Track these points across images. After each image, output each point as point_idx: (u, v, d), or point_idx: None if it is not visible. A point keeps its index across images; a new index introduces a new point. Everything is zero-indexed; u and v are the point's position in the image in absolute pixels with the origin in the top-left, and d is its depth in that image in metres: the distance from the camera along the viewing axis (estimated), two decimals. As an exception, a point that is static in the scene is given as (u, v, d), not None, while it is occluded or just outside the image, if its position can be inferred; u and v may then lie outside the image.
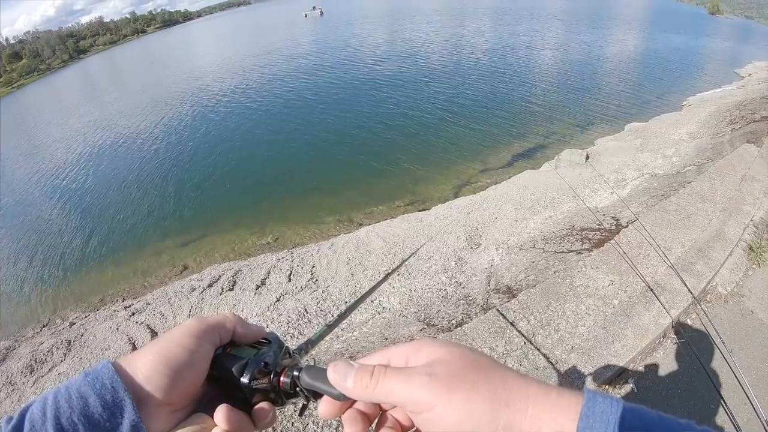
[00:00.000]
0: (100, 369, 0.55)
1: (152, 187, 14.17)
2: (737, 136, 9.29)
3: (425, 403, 0.48)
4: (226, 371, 0.62)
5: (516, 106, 16.49)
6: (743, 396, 3.05)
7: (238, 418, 0.59)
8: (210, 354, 0.63)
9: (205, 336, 0.62)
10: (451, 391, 0.48)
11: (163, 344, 0.59)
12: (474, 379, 0.49)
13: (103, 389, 0.53)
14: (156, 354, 0.58)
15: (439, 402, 0.48)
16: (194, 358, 0.60)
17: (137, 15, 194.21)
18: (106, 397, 0.53)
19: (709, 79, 19.40)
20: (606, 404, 0.45)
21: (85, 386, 0.53)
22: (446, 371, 0.50)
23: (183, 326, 0.63)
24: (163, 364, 0.57)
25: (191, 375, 0.59)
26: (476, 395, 0.47)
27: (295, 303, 6.42)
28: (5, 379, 6.42)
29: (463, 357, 0.52)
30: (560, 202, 8.20)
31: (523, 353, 3.31)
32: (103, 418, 0.52)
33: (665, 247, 4.40)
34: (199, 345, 0.61)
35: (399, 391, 0.50)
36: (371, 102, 18.67)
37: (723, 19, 48.66)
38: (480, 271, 6.22)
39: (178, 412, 0.59)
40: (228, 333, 0.66)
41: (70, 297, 9.57)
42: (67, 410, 0.51)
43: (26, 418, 0.51)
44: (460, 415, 0.47)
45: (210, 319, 0.65)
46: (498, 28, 37.18)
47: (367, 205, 10.60)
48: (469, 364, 0.51)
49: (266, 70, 28.50)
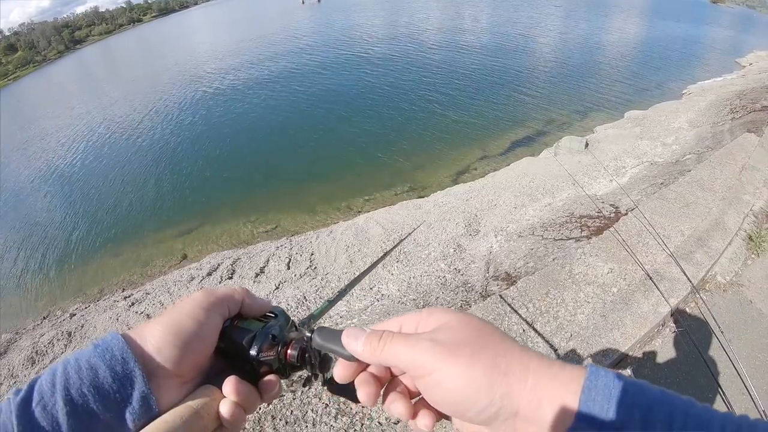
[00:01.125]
0: (109, 340, 0.55)
1: (150, 176, 14.15)
2: (737, 125, 9.27)
3: (427, 368, 0.50)
4: (235, 343, 0.63)
5: (515, 92, 16.42)
6: (741, 385, 3.06)
7: (246, 390, 0.60)
8: (219, 326, 0.63)
9: (214, 308, 0.63)
10: (452, 356, 0.49)
11: (172, 316, 0.60)
12: (476, 346, 0.50)
13: (113, 360, 0.53)
14: (166, 325, 0.58)
15: (439, 366, 0.49)
16: (204, 330, 0.60)
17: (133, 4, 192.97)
18: (116, 368, 0.53)
19: (709, 68, 19.32)
20: (608, 378, 0.46)
21: (95, 357, 0.53)
22: (450, 337, 0.51)
23: (192, 298, 0.63)
24: (172, 335, 0.57)
25: (201, 346, 0.60)
26: (476, 362, 0.48)
27: (294, 290, 6.43)
28: (7, 371, 6.46)
29: (469, 324, 0.53)
30: (559, 189, 8.20)
31: (522, 341, 3.32)
32: (113, 389, 0.52)
33: (664, 235, 4.40)
34: (208, 317, 0.61)
35: (404, 354, 0.52)
36: (369, 89, 18.57)
37: (724, 7, 48.44)
38: (479, 258, 6.22)
39: (187, 383, 0.60)
40: (236, 305, 0.67)
41: (69, 288, 9.60)
42: (77, 381, 0.51)
43: (35, 390, 0.51)
44: (459, 381, 0.48)
45: (219, 292, 0.66)
46: (496, 14, 36.96)
47: (366, 192, 10.59)
48: (473, 332, 0.52)
49: (264, 58, 28.30)
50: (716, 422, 0.42)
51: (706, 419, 0.42)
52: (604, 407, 0.44)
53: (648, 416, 0.43)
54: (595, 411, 0.44)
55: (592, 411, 0.44)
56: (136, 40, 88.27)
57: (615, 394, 0.44)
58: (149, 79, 31.36)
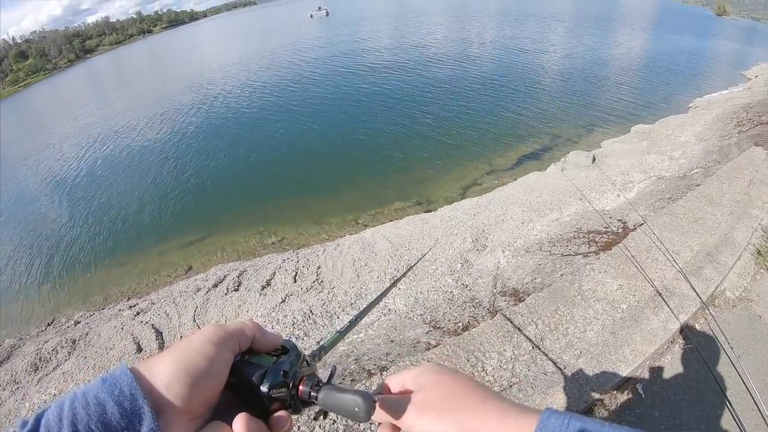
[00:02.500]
0: (118, 375, 0.54)
1: (156, 186, 14.23)
2: (744, 139, 9.24)
3: (406, 425, 0.65)
4: (246, 379, 0.63)
5: (521, 107, 16.44)
6: (750, 401, 3.03)
7: (256, 427, 0.60)
8: (230, 362, 0.63)
9: (225, 343, 0.62)
10: (420, 416, 0.62)
11: (183, 351, 0.59)
12: (440, 406, 0.62)
13: (121, 396, 0.52)
14: (176, 361, 0.57)
15: (414, 424, 0.63)
16: (214, 366, 0.59)
17: (143, 15, 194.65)
18: (125, 404, 0.52)
19: (715, 81, 19.31)
20: (558, 422, 0.51)
21: (103, 393, 0.52)
22: (422, 399, 0.65)
23: (203, 333, 0.62)
24: (182, 372, 0.56)
25: (211, 383, 0.59)
26: (439, 421, 0.60)
27: (300, 304, 6.42)
28: (9, 377, 6.43)
29: (440, 385, 0.65)
30: (567, 204, 8.18)
31: (531, 358, 3.30)
32: (121, 425, 0.51)
33: (673, 250, 4.38)
34: (219, 353, 0.61)
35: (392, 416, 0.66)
36: (376, 103, 18.67)
37: (729, 20, 48.47)
38: (486, 274, 6.20)
39: (196, 420, 0.59)
40: (247, 340, 0.67)
41: (74, 296, 9.62)
42: (85, 417, 0.50)
43: (42, 424, 0.50)
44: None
45: (229, 326, 0.65)
46: (502, 29, 37.13)
47: (373, 206, 10.61)
48: (442, 392, 0.64)
49: (271, 71, 28.55)
50: None
51: None
52: None
53: None
54: None
55: None
56: (145, 50, 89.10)
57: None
58: (157, 89, 31.70)
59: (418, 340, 4.32)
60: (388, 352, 4.16)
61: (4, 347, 7.53)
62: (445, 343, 3.57)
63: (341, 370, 3.92)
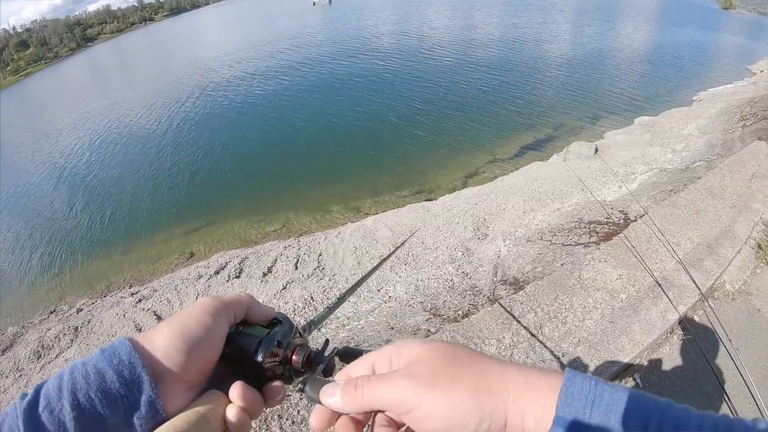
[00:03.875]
0: (117, 345, 0.55)
1: (158, 174, 14.22)
2: (748, 133, 9.22)
3: (411, 403, 0.51)
4: (241, 349, 0.63)
5: (525, 97, 16.38)
6: (748, 394, 3.05)
7: (252, 395, 0.60)
8: (225, 332, 0.63)
9: (221, 314, 0.63)
10: (433, 387, 0.51)
11: (180, 321, 0.60)
12: (454, 372, 0.52)
13: (120, 365, 0.53)
14: (173, 330, 0.58)
15: (424, 400, 0.50)
16: (211, 336, 0.60)
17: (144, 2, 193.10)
18: (124, 373, 0.53)
19: (720, 75, 19.17)
20: (585, 383, 0.48)
21: (102, 362, 0.53)
22: (426, 369, 0.53)
23: (199, 303, 0.63)
24: (180, 340, 0.57)
25: (208, 352, 0.60)
26: (458, 387, 0.50)
27: (301, 291, 6.44)
28: (13, 364, 6.46)
29: (443, 353, 0.55)
30: (568, 194, 8.18)
31: (530, 345, 3.33)
32: (121, 394, 0.52)
33: (674, 242, 4.39)
34: (215, 322, 0.61)
35: (385, 396, 0.53)
36: (379, 91, 18.57)
37: (735, 14, 48.07)
38: (487, 262, 6.22)
39: (193, 388, 0.60)
40: (242, 311, 0.67)
41: (77, 283, 9.65)
42: (84, 386, 0.51)
43: (41, 394, 0.51)
44: (446, 408, 0.49)
45: (225, 298, 0.66)
46: (506, 18, 36.81)
47: (374, 194, 10.61)
48: (448, 358, 0.54)
49: (274, 59, 28.35)
50: (692, 423, 0.44)
51: (682, 420, 0.44)
52: (581, 411, 0.46)
53: (624, 418, 0.45)
54: (571, 416, 0.46)
55: (569, 416, 0.46)
56: (147, 38, 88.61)
57: (591, 399, 0.46)
58: (159, 78, 31.53)
59: (418, 327, 4.35)
60: (388, 339, 4.18)
61: (7, 335, 7.55)
62: (444, 329, 3.59)
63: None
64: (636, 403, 0.46)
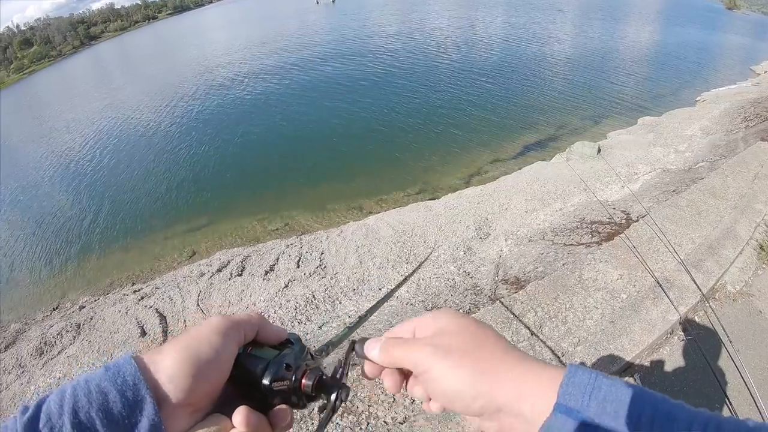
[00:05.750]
0: (121, 364, 0.54)
1: (161, 172, 14.20)
2: (751, 134, 9.20)
3: (424, 366, 0.59)
4: (248, 372, 0.62)
5: (528, 96, 16.35)
6: (748, 396, 3.06)
7: (257, 421, 0.59)
8: (234, 354, 0.62)
9: (231, 334, 0.62)
10: (443, 358, 0.58)
11: (188, 342, 0.59)
12: (466, 348, 0.58)
13: (124, 386, 0.52)
14: (181, 352, 0.57)
15: (434, 366, 0.58)
16: (219, 358, 0.59)
17: (148, 1, 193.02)
18: (127, 394, 0.52)
19: (723, 75, 19.14)
20: (586, 375, 0.51)
21: (106, 381, 0.52)
22: (445, 341, 0.60)
23: (209, 323, 0.62)
24: (187, 363, 0.56)
25: (215, 375, 0.59)
26: (463, 362, 0.57)
27: (303, 289, 6.44)
28: (15, 361, 6.46)
29: (465, 329, 0.62)
30: (571, 194, 8.17)
31: (530, 344, 3.33)
32: (123, 415, 0.51)
33: (675, 242, 4.39)
34: (224, 344, 0.60)
35: (408, 357, 0.62)
36: (381, 90, 18.58)
37: (740, 14, 47.92)
38: (488, 262, 6.23)
39: (198, 412, 0.59)
40: (253, 331, 0.66)
41: (79, 280, 9.65)
42: (86, 405, 0.50)
43: (42, 410, 0.50)
44: (449, 378, 0.57)
45: (236, 317, 0.65)
46: (511, 18, 36.78)
47: (377, 193, 10.59)
48: (468, 336, 0.60)
49: (278, 57, 28.33)
50: (682, 417, 0.47)
51: (673, 415, 0.48)
52: (580, 401, 0.49)
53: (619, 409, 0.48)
54: (571, 404, 0.49)
55: (569, 404, 0.49)
56: (150, 37, 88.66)
57: (590, 390, 0.50)
58: (163, 76, 31.50)
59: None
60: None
61: (9, 331, 7.55)
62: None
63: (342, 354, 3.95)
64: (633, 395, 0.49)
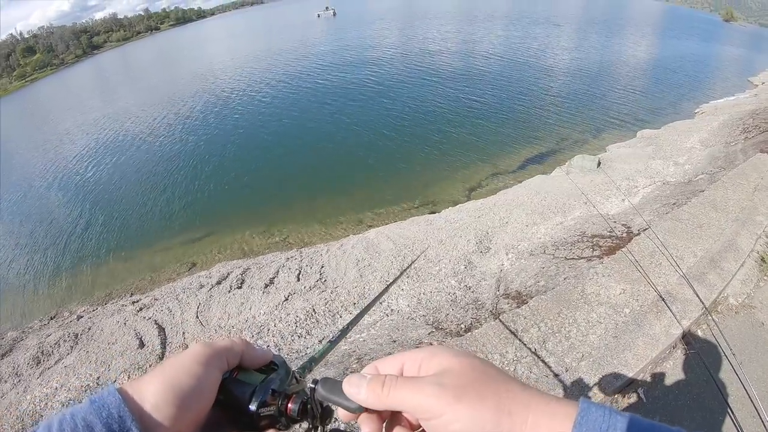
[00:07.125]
0: (106, 396, 0.54)
1: (161, 183, 14.25)
2: (750, 145, 9.22)
3: (434, 411, 0.52)
4: (234, 397, 0.63)
5: (527, 110, 16.45)
6: (752, 408, 3.04)
7: None
8: (218, 381, 0.62)
9: (213, 362, 0.62)
10: (458, 400, 0.52)
11: (170, 371, 0.59)
12: (480, 389, 0.53)
13: (109, 418, 0.52)
14: (164, 382, 0.57)
15: (447, 410, 0.51)
16: (202, 386, 0.59)
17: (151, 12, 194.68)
18: (113, 426, 0.52)
19: (722, 87, 19.30)
20: (599, 413, 0.49)
21: (91, 414, 0.52)
22: (455, 381, 0.54)
23: (191, 352, 0.62)
24: (171, 392, 0.56)
25: (199, 403, 0.59)
26: (481, 404, 0.51)
27: (303, 303, 6.42)
28: (12, 369, 6.44)
29: (473, 368, 0.56)
30: (571, 207, 8.17)
31: (534, 360, 3.31)
32: None
33: (677, 256, 4.38)
34: (207, 372, 0.60)
35: (409, 399, 0.54)
36: (382, 103, 18.68)
37: (737, 26, 48.33)
38: (489, 276, 6.21)
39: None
40: (236, 357, 0.66)
41: (78, 290, 9.66)
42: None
43: None
44: (466, 422, 0.51)
45: (218, 344, 0.65)
46: (509, 31, 37.06)
47: (377, 207, 10.61)
48: (478, 375, 0.55)
49: (279, 70, 28.55)
50: None
51: None
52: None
53: None
54: None
55: None
56: (152, 48, 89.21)
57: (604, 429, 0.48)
58: (163, 87, 31.73)
59: (420, 341, 4.33)
60: (390, 352, 4.16)
61: (6, 340, 7.54)
62: (447, 344, 3.58)
63: (342, 369, 3.93)
64: None
